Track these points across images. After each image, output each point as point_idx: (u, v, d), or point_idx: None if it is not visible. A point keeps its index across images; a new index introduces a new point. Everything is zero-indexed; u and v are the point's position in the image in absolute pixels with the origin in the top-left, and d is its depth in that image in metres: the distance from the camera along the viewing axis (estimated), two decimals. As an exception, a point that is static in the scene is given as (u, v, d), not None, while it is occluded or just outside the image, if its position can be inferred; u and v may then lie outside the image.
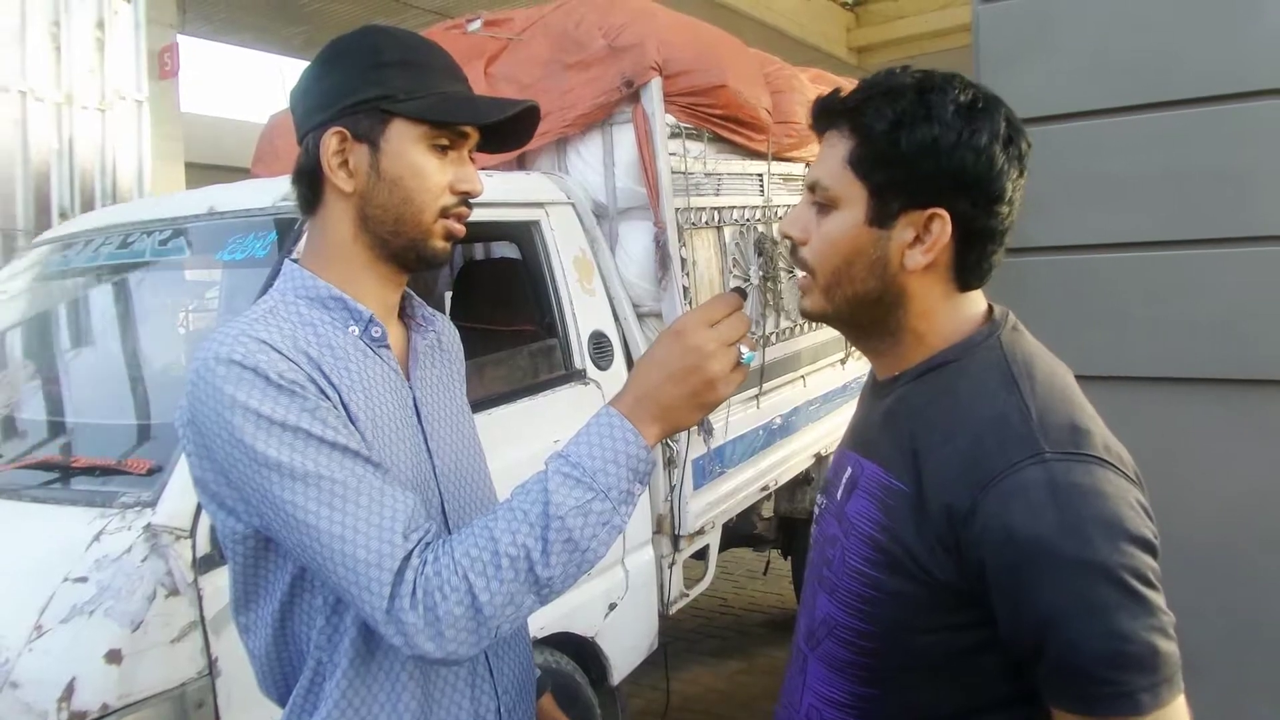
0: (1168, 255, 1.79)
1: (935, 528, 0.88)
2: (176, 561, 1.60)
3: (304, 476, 0.91)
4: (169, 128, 8.73)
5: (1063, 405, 0.91)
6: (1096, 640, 0.80)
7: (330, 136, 1.03)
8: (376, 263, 1.08)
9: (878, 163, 0.94)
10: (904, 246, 0.95)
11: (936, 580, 0.89)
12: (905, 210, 0.94)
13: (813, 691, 1.02)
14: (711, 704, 3.84)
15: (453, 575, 0.89)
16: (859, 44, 12.55)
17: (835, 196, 0.97)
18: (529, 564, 0.90)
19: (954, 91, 0.93)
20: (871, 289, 0.97)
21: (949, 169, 0.92)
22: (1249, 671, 1.73)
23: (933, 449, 0.92)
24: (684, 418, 0.97)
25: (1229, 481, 1.74)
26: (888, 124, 0.93)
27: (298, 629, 1.03)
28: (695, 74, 2.97)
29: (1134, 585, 0.81)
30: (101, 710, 1.47)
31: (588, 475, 0.93)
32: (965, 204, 0.93)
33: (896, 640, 0.93)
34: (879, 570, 0.93)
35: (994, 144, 0.93)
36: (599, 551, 0.94)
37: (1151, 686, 0.80)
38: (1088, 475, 0.84)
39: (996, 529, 0.84)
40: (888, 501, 0.94)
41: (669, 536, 2.87)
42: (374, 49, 1.04)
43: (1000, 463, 0.86)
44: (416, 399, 1.11)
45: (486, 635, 0.91)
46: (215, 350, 0.95)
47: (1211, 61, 1.72)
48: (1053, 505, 0.82)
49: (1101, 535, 0.81)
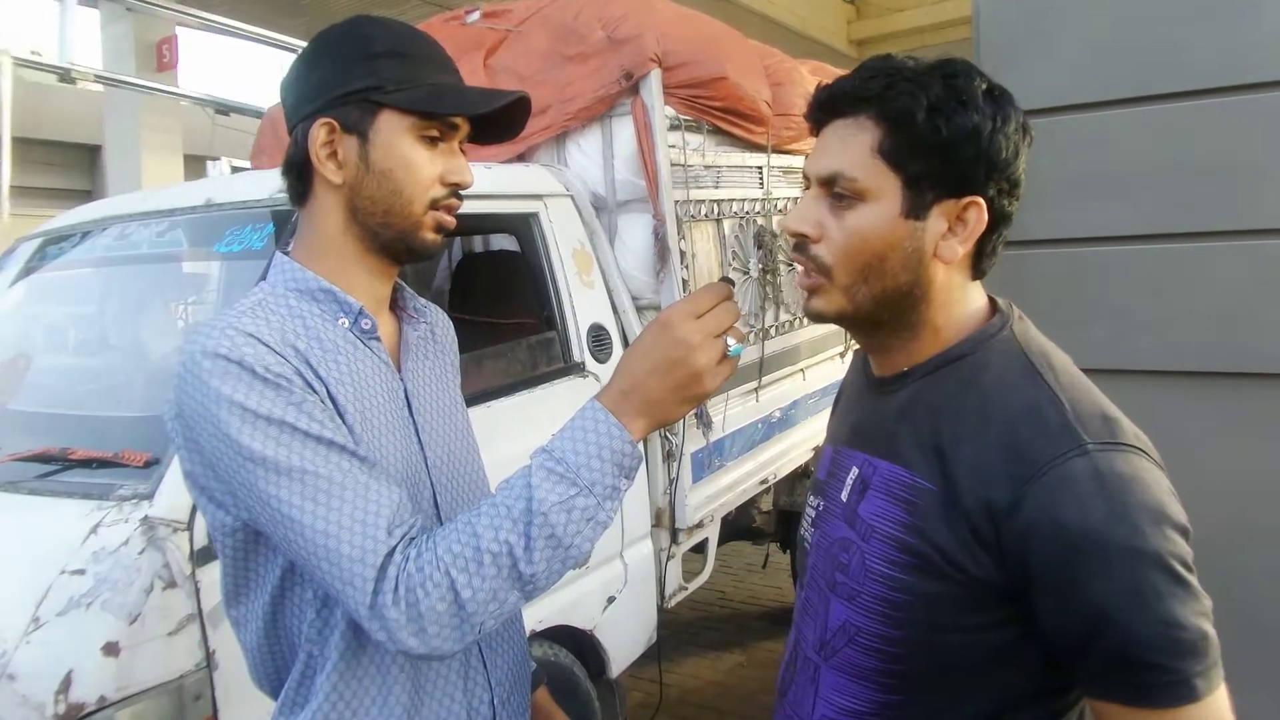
0: (1169, 248, 1.78)
1: (970, 524, 0.87)
2: (174, 554, 1.60)
3: (289, 471, 0.91)
4: (167, 119, 8.71)
5: (1089, 395, 0.91)
6: (1151, 628, 0.80)
7: (319, 128, 1.02)
8: (367, 255, 1.07)
9: (915, 151, 0.91)
10: (938, 238, 0.93)
11: (971, 578, 0.87)
12: (940, 200, 0.92)
13: (827, 703, 1.00)
14: (710, 697, 3.84)
15: (435, 571, 0.89)
16: (859, 37, 12.51)
17: (864, 189, 0.93)
18: (512, 560, 0.89)
19: (976, 78, 0.92)
20: (904, 283, 0.94)
21: (987, 155, 0.90)
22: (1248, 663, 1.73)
23: (960, 445, 0.90)
24: (670, 412, 0.95)
25: (1230, 476, 1.74)
26: (925, 111, 0.89)
27: (289, 622, 1.03)
28: (695, 66, 2.96)
29: (1181, 572, 0.81)
30: (99, 703, 1.47)
31: (571, 471, 0.91)
32: (994, 190, 0.92)
33: (925, 643, 0.91)
34: (906, 572, 0.91)
35: (1019, 130, 0.92)
36: (584, 548, 0.93)
37: (1204, 671, 0.80)
38: (1128, 464, 0.85)
39: (1044, 522, 0.83)
40: (913, 501, 0.92)
41: (668, 530, 2.87)
42: (364, 39, 1.03)
43: (1042, 455, 0.85)
44: (408, 391, 1.10)
45: (470, 631, 0.91)
46: (202, 343, 0.94)
47: (1213, 54, 1.71)
48: (1100, 496, 0.82)
49: (1149, 523, 0.82)
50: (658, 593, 2.87)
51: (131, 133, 8.54)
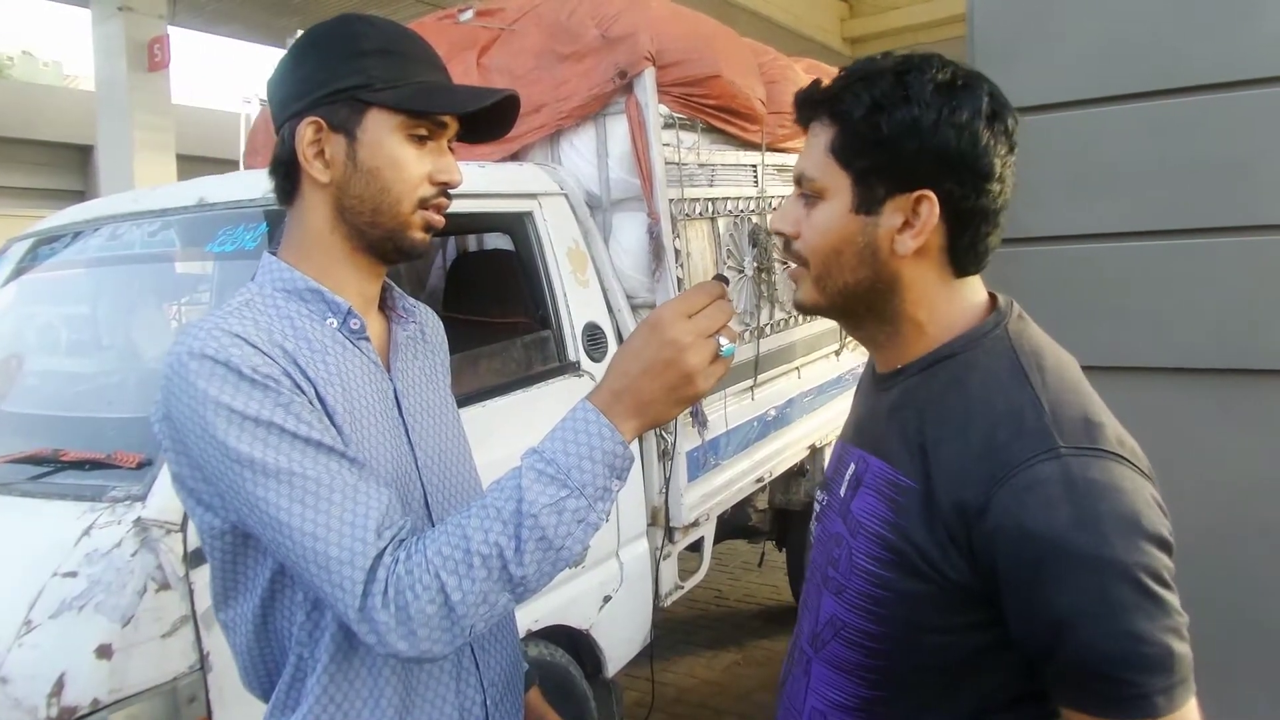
0: (1166, 245, 1.78)
1: (946, 525, 0.86)
2: (167, 556, 1.59)
3: (277, 473, 0.90)
4: (159, 119, 8.68)
5: (1074, 398, 0.89)
6: (1112, 641, 0.78)
7: (306, 126, 1.01)
8: (355, 254, 1.06)
9: (858, 149, 0.93)
10: (893, 232, 0.93)
11: (948, 579, 0.87)
12: (891, 195, 0.93)
13: (817, 694, 1.01)
14: (706, 696, 3.84)
15: (425, 574, 0.88)
16: (853, 34, 12.54)
17: (821, 187, 0.96)
18: (502, 562, 0.89)
19: (932, 71, 0.92)
20: (863, 278, 0.95)
21: (932, 149, 0.90)
22: (1244, 661, 1.73)
23: (942, 444, 0.90)
24: (662, 412, 0.94)
25: (1228, 472, 1.74)
26: (865, 109, 0.91)
27: (279, 625, 1.02)
28: (689, 64, 2.96)
29: (1150, 585, 0.79)
30: (92, 705, 1.46)
31: (562, 472, 0.90)
32: (952, 184, 0.91)
33: (906, 641, 0.91)
34: (888, 569, 0.91)
35: (976, 120, 0.91)
36: (574, 549, 0.92)
37: (1167, 689, 0.79)
38: (1103, 471, 0.83)
39: (1010, 526, 0.82)
40: (897, 499, 0.92)
41: (663, 529, 2.86)
42: (352, 37, 1.02)
43: (1013, 458, 0.84)
44: (397, 391, 1.10)
45: (460, 634, 0.90)
46: (189, 345, 0.93)
47: (1210, 50, 1.71)
48: (1068, 501, 0.81)
49: (1118, 533, 0.80)
50: (653, 592, 2.87)
51: (124, 133, 8.52)
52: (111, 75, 8.61)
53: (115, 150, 8.67)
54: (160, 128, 8.70)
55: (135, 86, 8.51)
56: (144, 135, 8.59)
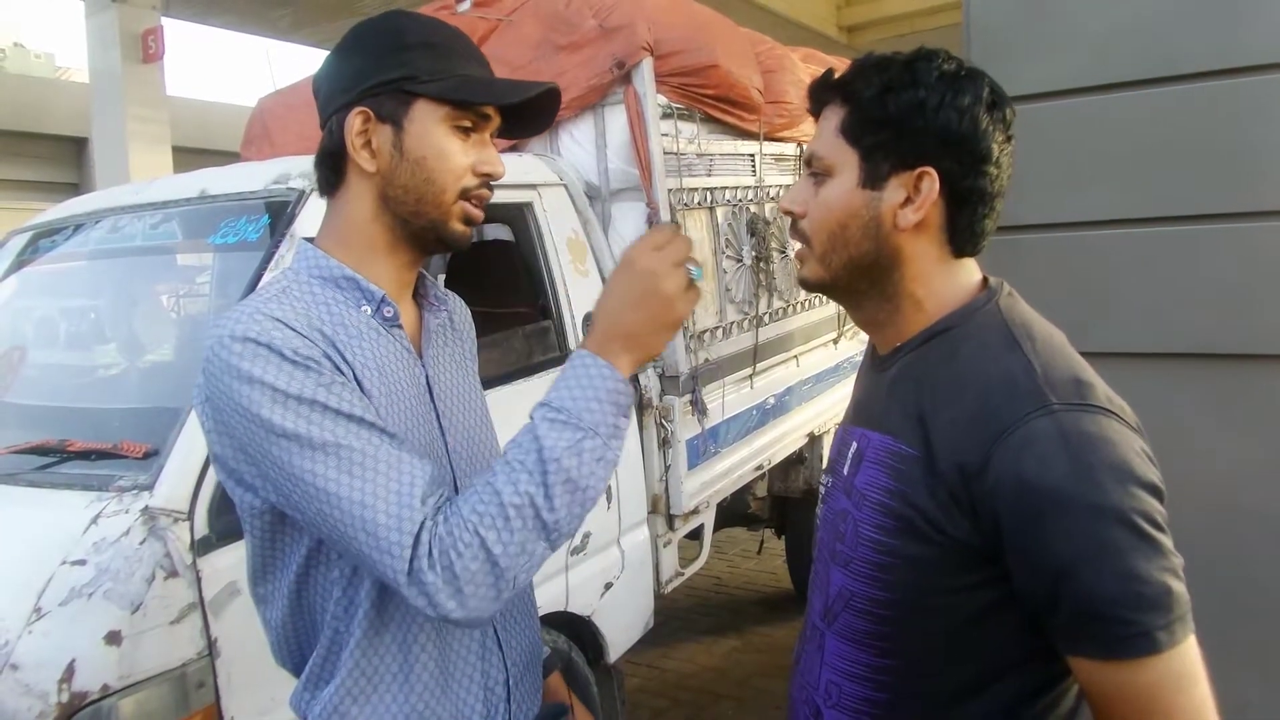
0: (1162, 231, 1.79)
1: (948, 487, 0.91)
2: (175, 544, 1.60)
3: (322, 446, 0.93)
4: (154, 111, 8.67)
5: (1064, 362, 0.94)
6: (1112, 582, 0.83)
7: (354, 117, 1.04)
8: (395, 244, 1.09)
9: (867, 127, 0.99)
10: (896, 207, 0.99)
11: (951, 539, 0.91)
12: (895, 171, 0.99)
13: (830, 667, 1.04)
14: (706, 682, 3.87)
15: (465, 532, 0.91)
16: (849, 22, 12.50)
17: (830, 165, 1.02)
18: (535, 510, 0.92)
19: (938, 61, 0.99)
20: (867, 251, 1.01)
21: (934, 128, 0.97)
22: (1239, 645, 1.75)
23: (939, 411, 0.95)
24: (651, 342, 1.00)
25: (1223, 457, 1.76)
26: (876, 90, 0.98)
27: (313, 600, 1.05)
28: (686, 54, 2.96)
29: (1145, 528, 0.84)
30: (102, 691, 1.48)
31: (573, 417, 0.95)
32: (952, 162, 0.97)
33: (914, 606, 0.95)
34: (893, 536, 0.95)
35: (977, 106, 0.97)
36: (598, 488, 0.97)
37: (1167, 625, 0.83)
38: (1095, 424, 0.87)
39: (1009, 481, 0.86)
40: (898, 467, 0.96)
41: (664, 516, 2.88)
42: (397, 31, 1.05)
43: (1009, 417, 0.88)
44: (429, 377, 1.13)
45: (506, 588, 0.93)
46: (230, 328, 0.96)
47: (1205, 37, 1.72)
48: (1063, 454, 0.85)
49: (1112, 480, 0.84)
50: (654, 578, 2.89)
51: (118, 125, 8.51)
52: (106, 67, 8.59)
53: (110, 143, 8.65)
54: (155, 120, 8.68)
55: (129, 78, 8.49)
56: (139, 127, 8.57)
